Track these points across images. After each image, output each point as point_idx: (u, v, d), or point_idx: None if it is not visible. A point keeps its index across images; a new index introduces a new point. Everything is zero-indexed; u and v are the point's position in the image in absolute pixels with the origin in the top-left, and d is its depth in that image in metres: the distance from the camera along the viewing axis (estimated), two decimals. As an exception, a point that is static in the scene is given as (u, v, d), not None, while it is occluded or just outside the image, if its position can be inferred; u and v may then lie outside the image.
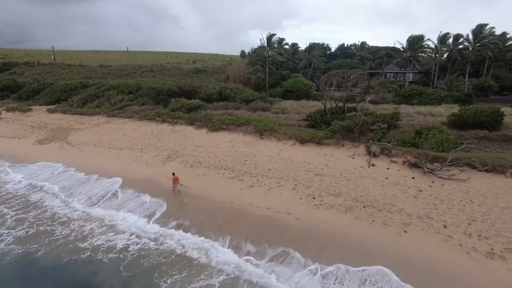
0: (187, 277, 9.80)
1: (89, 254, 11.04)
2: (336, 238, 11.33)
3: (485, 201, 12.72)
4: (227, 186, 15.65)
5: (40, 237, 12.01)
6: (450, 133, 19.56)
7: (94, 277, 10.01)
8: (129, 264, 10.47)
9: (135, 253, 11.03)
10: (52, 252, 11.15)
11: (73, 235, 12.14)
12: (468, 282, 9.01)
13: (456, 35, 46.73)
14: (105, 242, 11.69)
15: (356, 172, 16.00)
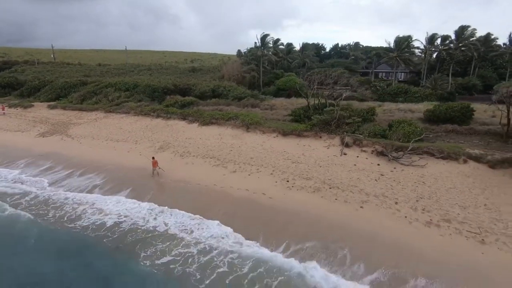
0: (168, 247, 11.55)
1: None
2: (302, 214, 13.14)
3: (436, 182, 14.59)
4: (212, 172, 17.49)
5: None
6: (422, 127, 21.49)
7: (87, 246, 11.79)
8: (118, 237, 12.30)
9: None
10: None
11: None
12: (405, 247, 10.80)
13: (444, 36, 48.55)
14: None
15: (329, 160, 17.86)
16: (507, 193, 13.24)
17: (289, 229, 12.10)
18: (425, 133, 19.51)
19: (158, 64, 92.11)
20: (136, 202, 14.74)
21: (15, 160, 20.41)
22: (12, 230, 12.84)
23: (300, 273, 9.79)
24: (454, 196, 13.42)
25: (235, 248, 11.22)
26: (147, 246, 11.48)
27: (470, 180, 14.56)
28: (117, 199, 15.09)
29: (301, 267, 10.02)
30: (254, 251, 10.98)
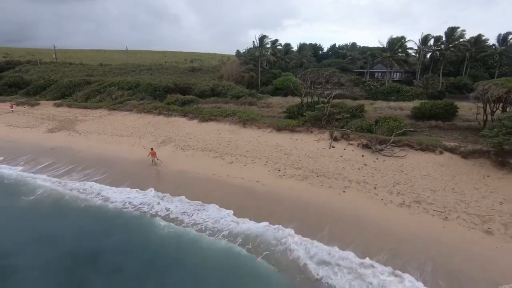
0: (170, 227, 13.17)
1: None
2: (291, 198, 14.77)
3: (412, 171, 16.24)
4: (211, 163, 19.14)
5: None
6: (409, 123, 23.19)
7: (96, 224, 13.46)
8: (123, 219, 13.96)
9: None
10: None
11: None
12: (378, 224, 12.43)
13: (436, 37, 50.21)
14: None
15: (318, 152, 19.51)
16: (473, 179, 14.88)
17: (279, 210, 13.73)
18: (411, 128, 21.19)
19: (158, 64, 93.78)
20: (140, 191, 16.25)
21: (26, 154, 22.02)
22: (42, 209, 14.53)
23: (283, 240, 11.44)
24: (427, 182, 15.07)
25: (231, 226, 12.83)
26: (150, 227, 13.11)
27: (444, 168, 16.20)
28: (122, 189, 16.59)
29: (286, 235, 11.68)
30: (248, 227, 12.60)
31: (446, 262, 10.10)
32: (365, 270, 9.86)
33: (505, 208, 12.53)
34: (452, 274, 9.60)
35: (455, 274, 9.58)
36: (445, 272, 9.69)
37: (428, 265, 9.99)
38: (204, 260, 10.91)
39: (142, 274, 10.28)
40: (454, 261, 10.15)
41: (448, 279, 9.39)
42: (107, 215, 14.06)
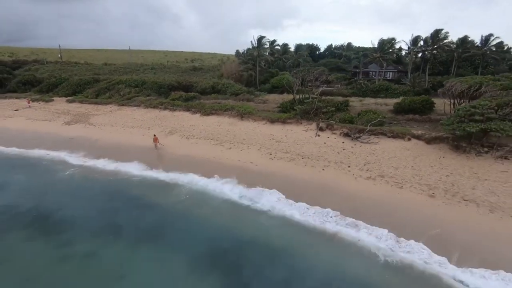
0: (181, 192, 16.38)
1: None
2: (279, 175, 17.91)
3: (382, 154, 19.40)
4: (212, 149, 22.31)
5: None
6: (390, 116, 26.42)
7: (103, 186, 16.65)
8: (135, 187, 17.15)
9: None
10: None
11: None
12: (350, 192, 15.54)
13: (426, 38, 53.33)
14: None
15: (305, 139, 22.67)
16: (431, 159, 18.03)
17: (267, 183, 16.86)
18: (390, 120, 24.47)
19: (160, 64, 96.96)
20: (154, 170, 19.45)
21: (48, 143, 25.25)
22: (74, 184, 17.78)
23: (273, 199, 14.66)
24: (393, 162, 18.22)
25: (229, 192, 16.03)
26: (166, 192, 16.31)
27: (409, 152, 19.36)
28: (138, 167, 19.83)
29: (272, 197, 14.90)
30: (242, 191, 15.82)
31: (395, 216, 13.24)
32: (335, 218, 13.04)
33: (449, 179, 15.69)
34: (398, 223, 12.73)
35: (399, 223, 12.71)
36: (392, 221, 12.82)
37: (381, 217, 13.12)
38: (214, 208, 14.23)
39: (170, 221, 13.48)
40: (401, 215, 13.29)
41: (394, 226, 12.49)
42: (135, 183, 17.46)
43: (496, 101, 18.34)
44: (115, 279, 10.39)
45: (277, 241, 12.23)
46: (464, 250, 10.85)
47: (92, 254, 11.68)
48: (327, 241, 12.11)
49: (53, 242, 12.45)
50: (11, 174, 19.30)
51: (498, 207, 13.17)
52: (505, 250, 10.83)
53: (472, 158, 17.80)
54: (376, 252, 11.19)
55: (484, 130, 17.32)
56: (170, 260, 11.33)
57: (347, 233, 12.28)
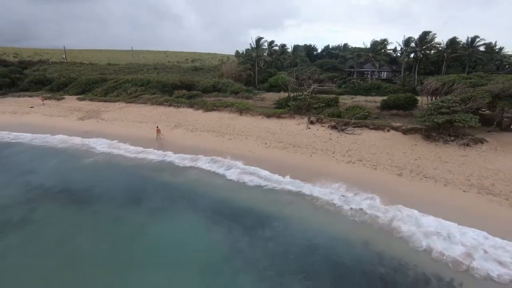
0: (178, 175, 19.28)
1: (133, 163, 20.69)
2: (272, 160, 20.79)
3: (364, 143, 22.29)
4: (214, 140, 25.22)
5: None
6: (376, 112, 29.31)
7: (123, 169, 19.56)
8: (146, 168, 20.07)
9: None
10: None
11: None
12: (332, 173, 18.41)
13: (417, 40, 56.26)
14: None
15: (297, 131, 25.57)
16: (404, 147, 20.92)
17: (263, 165, 19.76)
18: (375, 115, 27.41)
19: (162, 64, 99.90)
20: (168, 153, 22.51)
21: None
22: (96, 167, 20.70)
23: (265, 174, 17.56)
24: (371, 149, 21.11)
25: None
26: (177, 173, 19.24)
27: (387, 141, 22.25)
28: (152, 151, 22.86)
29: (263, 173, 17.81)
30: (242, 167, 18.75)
31: (367, 189, 16.10)
32: (320, 189, 15.97)
33: (416, 162, 18.58)
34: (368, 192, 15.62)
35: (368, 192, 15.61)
36: (363, 189, 15.70)
37: (350, 186, 16.01)
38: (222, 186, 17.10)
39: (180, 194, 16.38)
40: (372, 188, 16.16)
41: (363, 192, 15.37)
42: (151, 165, 20.46)
43: (461, 96, 21.23)
44: (138, 237, 13.20)
45: (266, 203, 15.14)
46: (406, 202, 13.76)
47: (118, 219, 14.55)
48: (303, 199, 15.04)
49: (86, 210, 15.36)
50: (52, 158, 22.64)
51: (451, 182, 16.07)
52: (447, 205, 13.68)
53: (440, 145, 20.70)
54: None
55: (449, 121, 20.21)
56: (183, 222, 14.22)
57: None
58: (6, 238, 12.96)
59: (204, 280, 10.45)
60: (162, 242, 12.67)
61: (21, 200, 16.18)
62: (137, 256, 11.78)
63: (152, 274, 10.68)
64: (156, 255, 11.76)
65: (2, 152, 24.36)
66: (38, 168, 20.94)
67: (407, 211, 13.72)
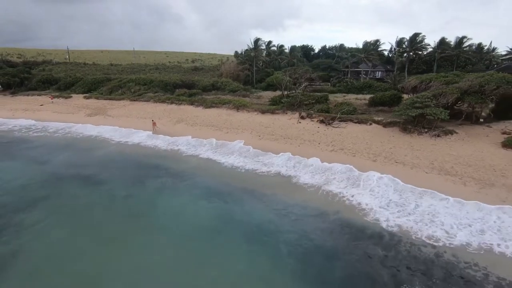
0: (176, 162, 21.89)
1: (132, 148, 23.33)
2: (264, 149, 23.39)
3: (347, 135, 24.89)
4: (213, 133, 27.85)
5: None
6: (364, 108, 31.87)
7: (127, 154, 22.18)
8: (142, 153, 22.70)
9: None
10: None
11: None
12: (322, 160, 21.01)
13: (407, 40, 58.90)
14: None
15: (288, 125, 28.18)
16: (383, 138, 23.49)
17: (260, 156, 22.38)
18: (362, 111, 29.97)
19: (163, 64, 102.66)
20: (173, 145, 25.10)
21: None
22: (108, 154, 23.32)
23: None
24: (353, 140, 23.70)
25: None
26: (180, 159, 21.86)
27: (368, 133, 24.85)
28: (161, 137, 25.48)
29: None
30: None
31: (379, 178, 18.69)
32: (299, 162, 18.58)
33: (391, 150, 21.17)
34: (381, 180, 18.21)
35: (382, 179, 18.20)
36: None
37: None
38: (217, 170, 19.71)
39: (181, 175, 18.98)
40: (359, 176, 18.75)
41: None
42: (157, 151, 22.97)
43: (433, 92, 23.82)
44: (146, 209, 15.77)
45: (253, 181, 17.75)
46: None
47: (128, 196, 17.16)
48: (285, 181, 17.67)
49: (100, 189, 17.99)
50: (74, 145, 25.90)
51: (417, 166, 18.66)
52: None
53: (414, 136, 23.29)
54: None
55: (422, 114, 22.80)
56: (182, 197, 16.82)
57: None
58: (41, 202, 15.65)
59: (200, 240, 13.01)
60: (166, 212, 15.28)
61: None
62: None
63: (158, 237, 13.23)
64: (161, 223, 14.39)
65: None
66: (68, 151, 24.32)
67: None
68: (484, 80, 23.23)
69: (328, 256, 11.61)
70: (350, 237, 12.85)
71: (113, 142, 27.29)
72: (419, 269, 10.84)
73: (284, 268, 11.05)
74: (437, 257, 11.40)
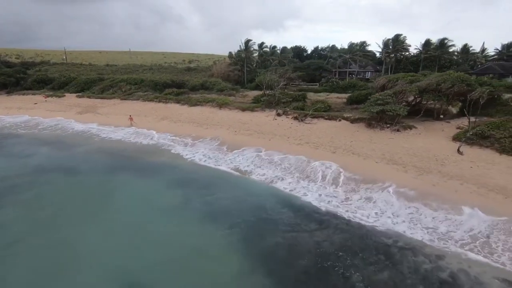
0: (156, 154, 23.95)
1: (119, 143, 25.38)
2: (240, 144, 25.41)
3: (316, 130, 26.90)
4: (193, 129, 29.90)
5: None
6: (341, 106, 33.88)
7: (102, 149, 24.23)
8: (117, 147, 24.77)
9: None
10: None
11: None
12: (283, 151, 22.98)
13: (387, 41, 60.92)
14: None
15: (264, 122, 30.22)
16: (348, 132, 25.51)
17: (234, 150, 24.40)
18: (338, 109, 31.96)
19: (158, 64, 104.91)
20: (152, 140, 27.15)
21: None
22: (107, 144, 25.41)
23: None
24: (320, 135, 25.71)
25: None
26: (156, 152, 23.91)
27: (335, 128, 26.87)
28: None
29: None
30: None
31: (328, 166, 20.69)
32: (268, 157, 20.59)
33: (351, 143, 23.17)
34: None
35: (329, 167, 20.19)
36: (298, 168, 20.29)
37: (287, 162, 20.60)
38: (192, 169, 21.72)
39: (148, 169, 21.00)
40: (309, 164, 20.73)
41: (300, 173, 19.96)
42: (143, 147, 25.02)
43: (393, 90, 25.83)
44: (118, 192, 17.76)
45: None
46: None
47: (103, 181, 19.23)
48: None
49: (78, 177, 20.02)
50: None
51: (369, 157, 20.66)
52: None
53: (377, 131, 25.31)
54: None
55: (383, 110, 24.81)
56: (152, 183, 18.84)
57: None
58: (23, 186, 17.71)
59: (163, 217, 15.02)
60: (134, 196, 17.32)
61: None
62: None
63: (125, 215, 15.23)
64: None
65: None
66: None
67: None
68: (441, 79, 25.23)
69: (262, 225, 13.63)
70: (287, 215, 14.82)
71: (97, 138, 29.29)
72: (335, 236, 12.84)
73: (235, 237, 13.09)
74: (360, 230, 13.40)
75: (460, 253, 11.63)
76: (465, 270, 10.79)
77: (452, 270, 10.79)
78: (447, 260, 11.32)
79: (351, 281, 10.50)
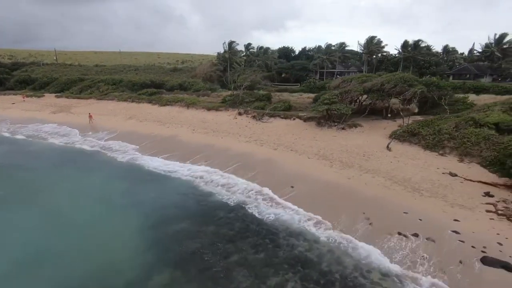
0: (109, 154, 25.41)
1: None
2: (201, 145, 26.78)
3: (269, 128, 28.27)
4: (156, 127, 31.35)
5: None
6: (307, 106, 35.24)
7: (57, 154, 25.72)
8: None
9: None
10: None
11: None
12: (230, 148, 24.35)
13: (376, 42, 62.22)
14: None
15: (224, 121, 31.63)
16: (297, 130, 26.86)
17: (184, 147, 25.81)
18: (302, 107, 33.32)
19: (149, 65, 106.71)
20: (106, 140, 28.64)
21: (40, 124, 34.54)
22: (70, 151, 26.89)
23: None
24: (270, 133, 27.07)
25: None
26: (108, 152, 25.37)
27: (288, 127, 28.24)
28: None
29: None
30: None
31: (266, 163, 22.02)
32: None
33: (295, 141, 24.55)
34: (266, 165, 21.55)
35: (267, 164, 21.52)
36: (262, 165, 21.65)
37: (251, 164, 21.95)
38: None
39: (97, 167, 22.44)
40: (273, 164, 22.06)
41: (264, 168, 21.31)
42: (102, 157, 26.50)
43: (340, 90, 27.19)
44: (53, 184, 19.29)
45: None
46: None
47: (46, 177, 20.70)
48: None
49: (31, 172, 21.52)
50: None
51: (305, 153, 22.02)
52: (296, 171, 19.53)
53: (324, 129, 26.66)
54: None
55: (329, 109, 26.16)
56: (94, 177, 20.29)
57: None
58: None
59: (105, 207, 16.47)
60: (82, 187, 18.81)
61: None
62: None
63: (70, 204, 16.71)
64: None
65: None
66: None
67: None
68: (386, 79, 26.56)
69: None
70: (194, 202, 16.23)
71: (57, 137, 30.84)
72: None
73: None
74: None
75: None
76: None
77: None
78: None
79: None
